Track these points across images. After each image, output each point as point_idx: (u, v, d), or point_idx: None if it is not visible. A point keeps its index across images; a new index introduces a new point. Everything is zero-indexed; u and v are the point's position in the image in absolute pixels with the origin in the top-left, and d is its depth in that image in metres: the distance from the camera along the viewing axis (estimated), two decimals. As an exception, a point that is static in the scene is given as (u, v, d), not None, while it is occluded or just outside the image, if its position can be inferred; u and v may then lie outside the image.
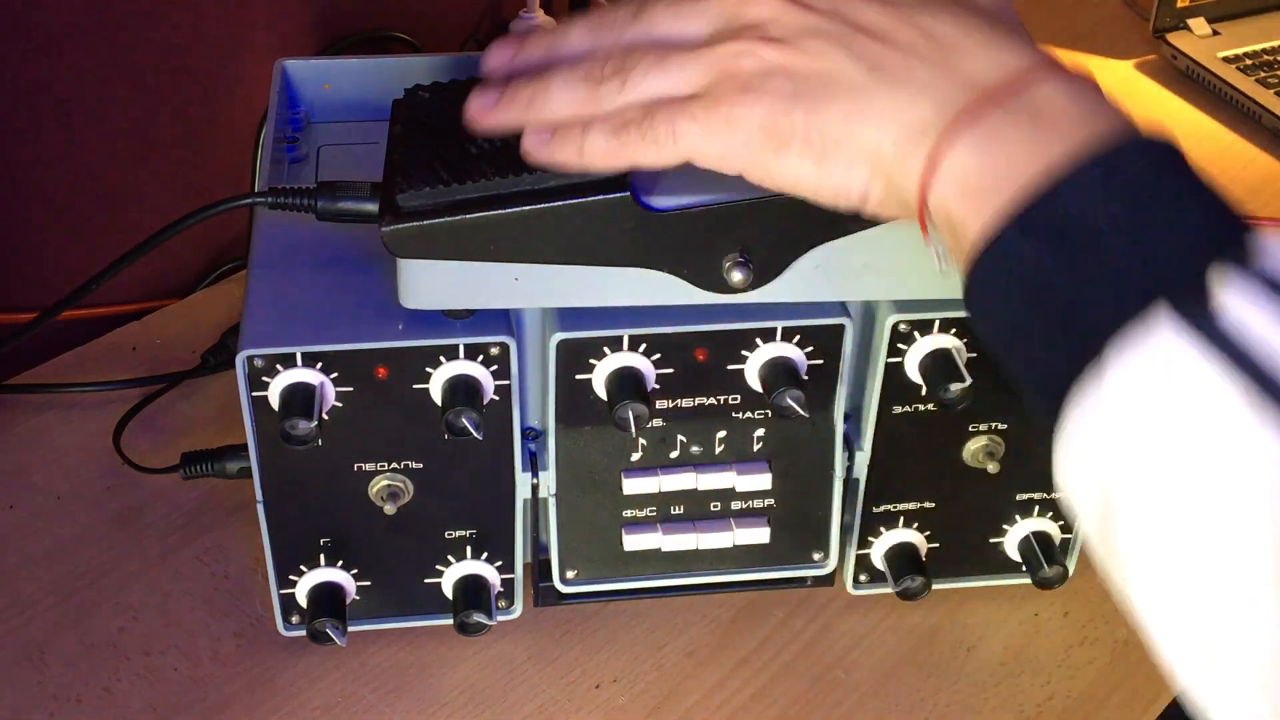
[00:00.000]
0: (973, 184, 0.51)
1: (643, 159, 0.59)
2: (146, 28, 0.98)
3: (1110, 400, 0.46)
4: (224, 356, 0.96)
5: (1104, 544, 0.48)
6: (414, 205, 0.63)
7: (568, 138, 0.60)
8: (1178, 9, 1.35)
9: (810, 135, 0.56)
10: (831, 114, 0.55)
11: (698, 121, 0.58)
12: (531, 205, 0.62)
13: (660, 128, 0.58)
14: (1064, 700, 0.77)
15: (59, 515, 0.86)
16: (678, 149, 0.58)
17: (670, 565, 0.77)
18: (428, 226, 0.63)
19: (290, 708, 0.75)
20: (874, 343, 0.73)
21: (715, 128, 0.57)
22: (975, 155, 0.51)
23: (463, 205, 0.62)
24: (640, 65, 0.59)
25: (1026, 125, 0.51)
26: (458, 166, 0.63)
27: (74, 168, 0.99)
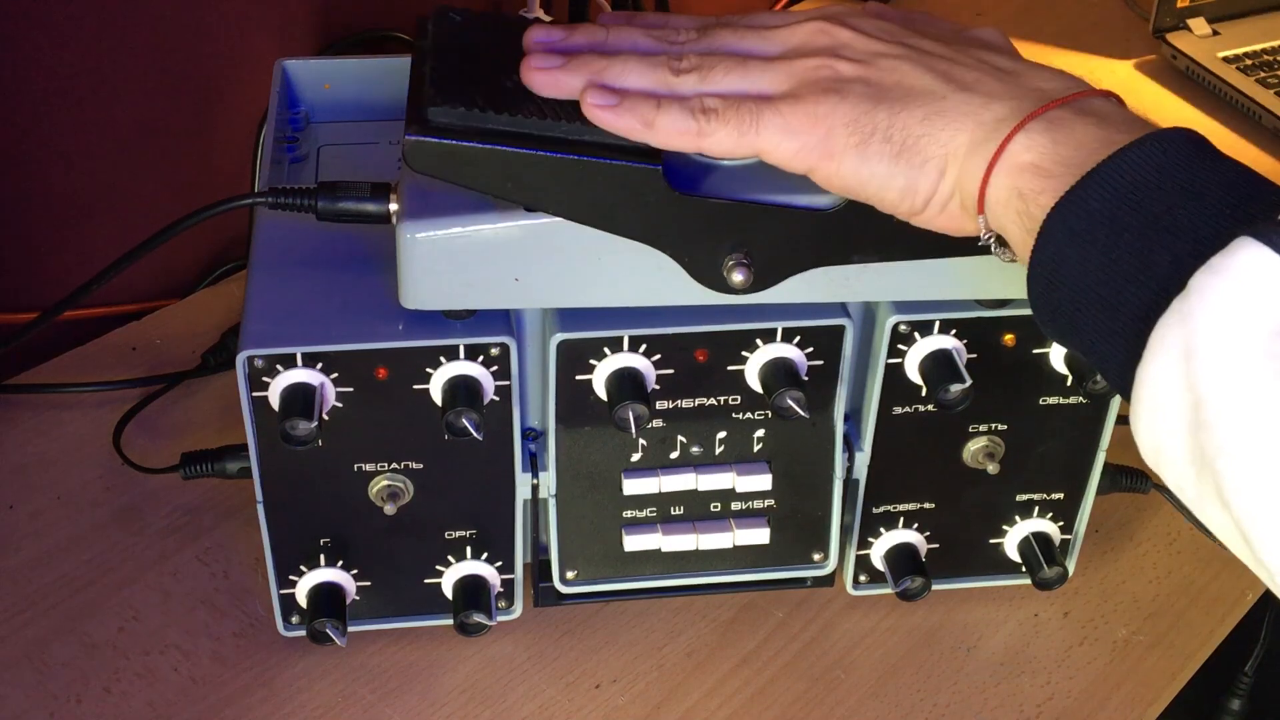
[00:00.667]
0: (1047, 163, 0.55)
1: (716, 144, 0.61)
2: (146, 28, 0.98)
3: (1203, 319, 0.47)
4: (224, 356, 0.96)
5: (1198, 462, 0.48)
6: (444, 121, 0.61)
7: (638, 106, 0.61)
8: (1178, 9, 1.35)
9: (891, 133, 0.59)
10: (913, 114, 0.59)
11: (782, 115, 0.60)
12: (563, 153, 0.62)
13: (745, 117, 0.60)
14: (1064, 700, 0.77)
15: (59, 515, 0.86)
16: (758, 139, 0.60)
17: (670, 565, 0.77)
18: (455, 147, 0.61)
19: (290, 708, 0.75)
20: (874, 343, 0.73)
21: (799, 123, 0.60)
22: (1048, 140, 0.55)
23: (494, 134, 0.62)
24: (720, 66, 0.62)
25: (1092, 122, 0.55)
26: (494, 95, 0.62)
27: (74, 168, 0.99)
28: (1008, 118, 0.57)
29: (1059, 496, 0.78)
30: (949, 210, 0.60)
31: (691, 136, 0.61)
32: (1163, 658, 0.80)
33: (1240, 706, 0.87)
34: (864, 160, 0.59)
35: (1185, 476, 0.49)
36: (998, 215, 0.57)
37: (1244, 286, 0.46)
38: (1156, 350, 0.49)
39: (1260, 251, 0.46)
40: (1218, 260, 0.47)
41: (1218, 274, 0.47)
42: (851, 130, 0.59)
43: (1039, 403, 0.75)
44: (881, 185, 0.59)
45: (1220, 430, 0.47)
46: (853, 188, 0.60)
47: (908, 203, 0.60)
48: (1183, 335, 0.48)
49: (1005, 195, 0.56)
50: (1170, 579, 0.84)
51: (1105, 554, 0.85)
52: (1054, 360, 0.73)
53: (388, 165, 0.74)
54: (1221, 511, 0.48)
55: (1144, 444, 0.51)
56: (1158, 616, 0.82)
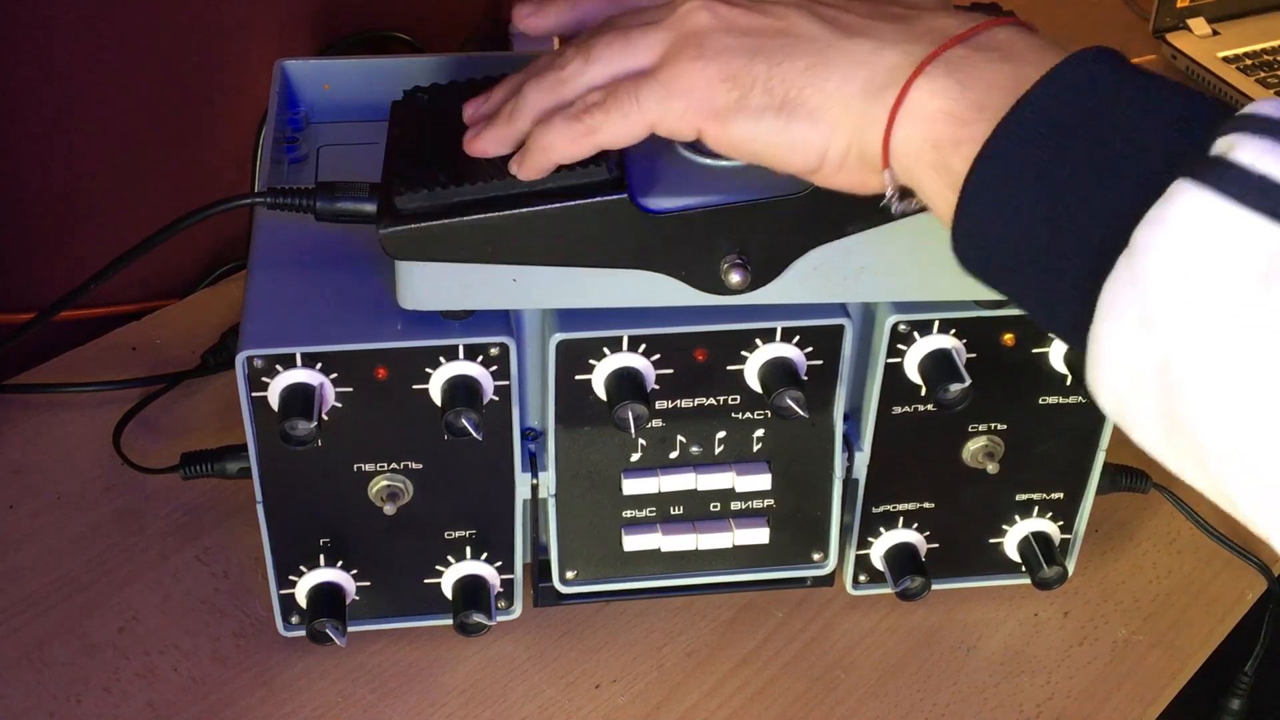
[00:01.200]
0: (957, 109, 0.52)
1: (611, 136, 0.59)
2: (146, 28, 0.98)
3: (1152, 276, 0.45)
4: (224, 356, 0.96)
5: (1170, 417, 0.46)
6: (412, 208, 0.63)
7: (534, 144, 0.61)
8: (1178, 9, 1.35)
9: (772, 85, 0.56)
10: (794, 65, 0.56)
11: (659, 82, 0.58)
12: (529, 208, 0.62)
13: (624, 99, 0.59)
14: (1064, 700, 0.77)
15: (59, 515, 0.86)
16: (643, 116, 0.58)
17: (670, 565, 0.77)
18: (425, 229, 0.63)
19: (290, 708, 0.75)
20: (874, 343, 0.73)
21: (676, 86, 0.58)
22: (953, 83, 0.52)
23: (460, 207, 0.63)
24: (601, 41, 0.60)
25: (997, 57, 0.52)
26: (455, 169, 0.63)
27: (74, 168, 0.99)
28: (903, 64, 0.53)
29: (1059, 496, 0.78)
30: (848, 167, 0.56)
31: (584, 139, 0.60)
32: (1163, 658, 0.80)
33: (1240, 706, 0.86)
34: (746, 117, 0.56)
35: (1156, 438, 0.48)
36: (908, 168, 0.54)
37: (1191, 237, 0.44)
38: (1108, 312, 0.47)
39: (1201, 195, 0.44)
40: (1158, 211, 0.45)
41: (1161, 226, 0.45)
42: (731, 85, 0.56)
43: (1039, 402, 0.75)
44: (769, 143, 0.57)
45: (1190, 389, 0.45)
46: (742, 148, 0.58)
47: (800, 159, 0.57)
48: (1136, 296, 0.45)
49: (916, 148, 0.53)
50: (1170, 579, 0.84)
51: (1105, 554, 0.85)
52: (1054, 360, 0.73)
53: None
54: (1199, 472, 0.47)
55: (1106, 405, 0.49)
56: (1158, 616, 0.82)
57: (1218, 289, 0.44)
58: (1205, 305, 0.44)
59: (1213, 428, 0.45)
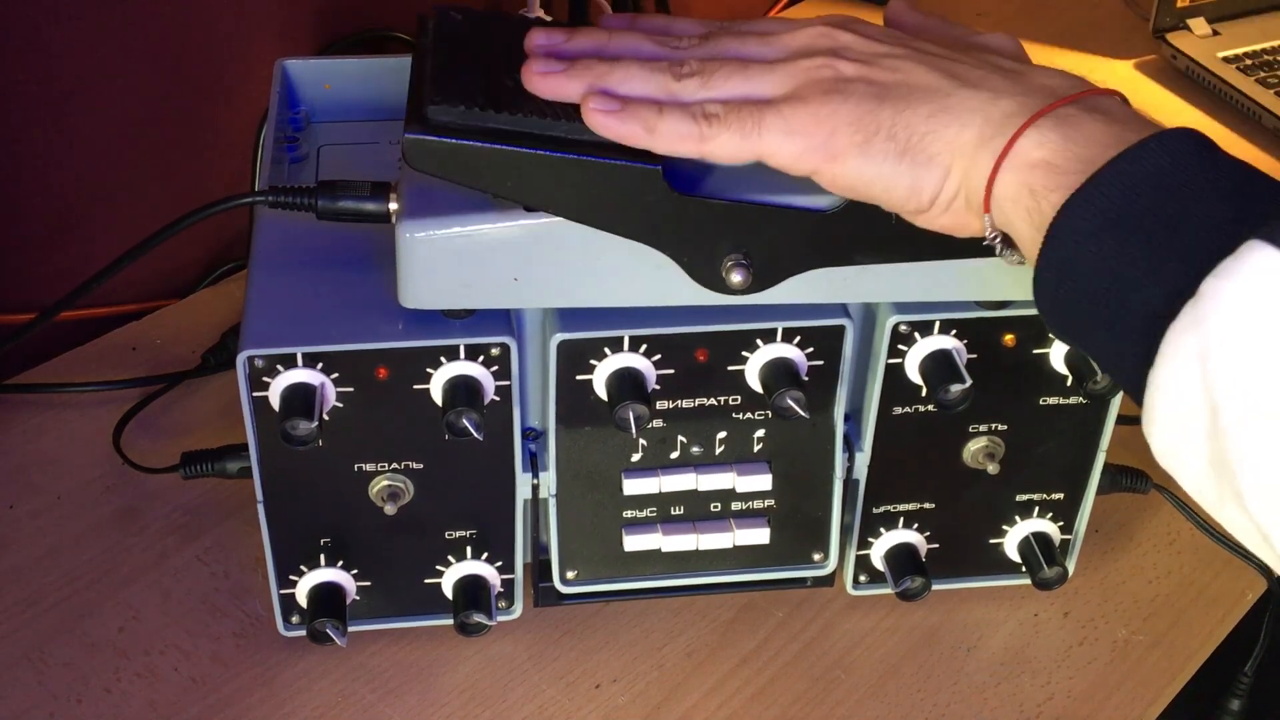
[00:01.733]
0: (1059, 160, 0.54)
1: (719, 149, 0.60)
2: (146, 28, 0.98)
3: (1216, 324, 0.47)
4: (224, 356, 0.96)
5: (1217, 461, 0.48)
6: (444, 120, 0.61)
7: (639, 113, 0.61)
8: (1178, 9, 1.35)
9: (895, 131, 0.58)
10: (917, 112, 0.58)
11: (784, 117, 0.59)
12: (564, 153, 0.62)
13: (746, 120, 0.60)
14: (1064, 700, 0.77)
15: (59, 515, 0.86)
16: (760, 143, 0.60)
17: (670, 565, 0.77)
18: (455, 146, 0.61)
19: (290, 708, 0.75)
20: (874, 344, 0.73)
21: (801, 124, 0.59)
22: (1059, 136, 0.55)
23: (494, 134, 0.61)
24: (723, 70, 0.61)
25: (1101, 119, 0.55)
26: (495, 94, 0.62)
27: (74, 168, 0.99)
28: (1016, 114, 0.56)
29: (1059, 496, 0.78)
30: (954, 209, 0.59)
31: (694, 141, 0.60)
32: (1163, 658, 0.80)
33: (1240, 706, 0.86)
34: (868, 159, 0.58)
35: (1204, 481, 0.50)
36: (1005, 212, 0.57)
37: (1256, 290, 0.46)
38: (1169, 356, 0.49)
39: (1270, 254, 0.46)
40: (1229, 264, 0.47)
41: (1229, 278, 0.47)
42: (855, 130, 0.58)
43: (1039, 403, 0.75)
44: (886, 185, 0.59)
45: (1238, 436, 0.47)
46: (857, 188, 0.60)
47: (913, 202, 0.59)
48: (1196, 341, 0.48)
49: (1014, 192, 0.56)
50: (1170, 579, 0.84)
51: (1105, 554, 0.85)
52: (1054, 360, 0.73)
53: (388, 165, 0.74)
54: (1241, 515, 0.48)
55: (1158, 448, 0.51)
56: (1158, 616, 0.82)
57: (1272, 339, 0.46)
58: (1259, 353, 0.46)
59: (1256, 471, 0.47)
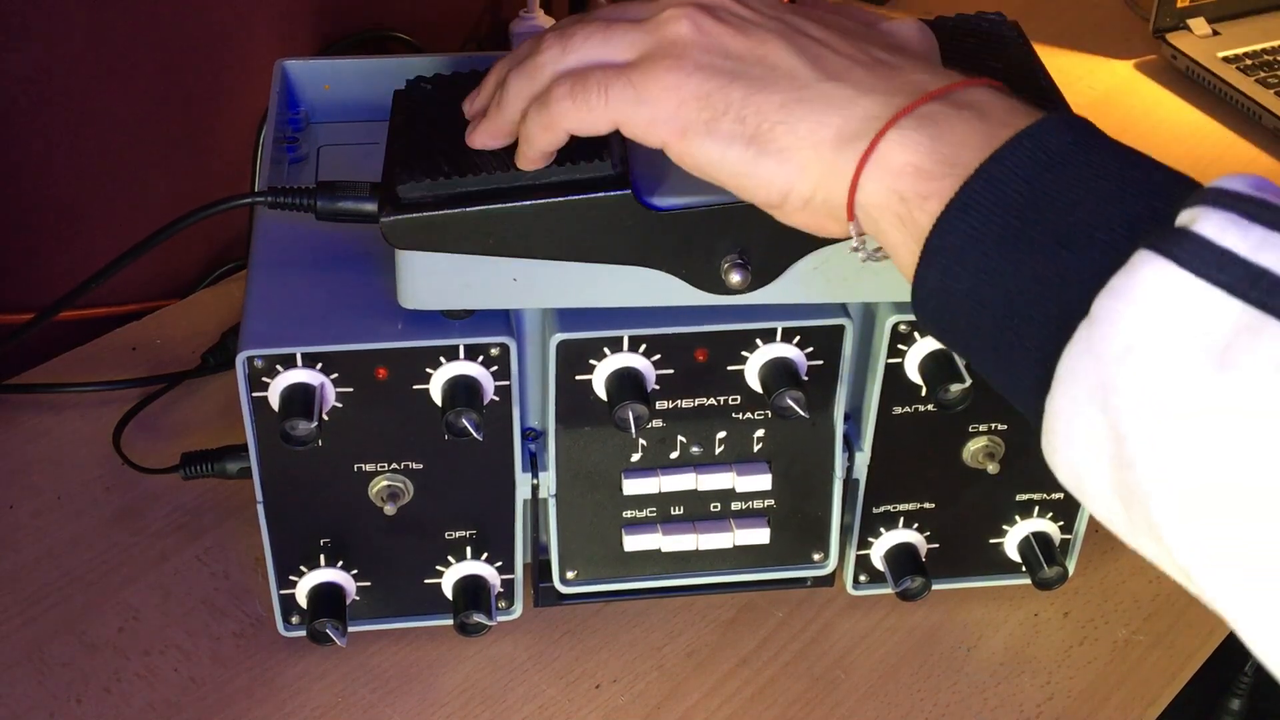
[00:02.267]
0: (927, 164, 0.51)
1: (572, 123, 0.59)
2: (146, 28, 0.98)
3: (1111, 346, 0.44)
4: (224, 356, 0.96)
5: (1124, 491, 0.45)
6: (414, 197, 0.62)
7: (521, 133, 0.61)
8: (1178, 9, 1.35)
9: (745, 114, 0.55)
10: (771, 98, 0.55)
11: (632, 84, 0.57)
12: (531, 200, 0.62)
13: (592, 90, 0.58)
14: (1064, 700, 0.77)
15: (59, 515, 0.86)
16: (608, 112, 0.57)
17: (670, 565, 0.77)
18: (427, 219, 0.62)
19: (290, 708, 0.75)
20: (874, 343, 0.73)
21: (648, 92, 0.57)
22: (925, 137, 0.51)
23: (463, 198, 0.62)
24: (581, 32, 0.59)
25: (971, 116, 0.52)
26: (459, 159, 0.63)
27: (74, 167, 0.99)
28: (878, 115, 0.53)
29: (1059, 496, 0.78)
30: (811, 209, 0.55)
31: (549, 125, 0.59)
32: (1163, 658, 0.80)
33: (1240, 706, 0.86)
34: (714, 140, 0.55)
35: (1113, 510, 0.47)
36: (873, 219, 0.53)
37: (1150, 309, 0.43)
38: (1066, 381, 0.46)
39: (1163, 267, 0.43)
40: (1119, 281, 0.44)
41: (1121, 298, 0.44)
42: (702, 105, 0.55)
43: (1039, 403, 0.75)
44: (734, 171, 0.56)
45: (1145, 467, 0.44)
46: (706, 170, 0.57)
47: (762, 193, 0.56)
48: (1094, 368, 0.45)
49: (882, 198, 0.52)
50: (1170, 579, 0.84)
51: (1105, 554, 0.85)
52: (1054, 360, 0.73)
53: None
54: (1157, 547, 0.46)
55: (1063, 476, 0.48)
56: (1158, 616, 0.82)
57: (1174, 363, 0.43)
58: (1161, 379, 0.43)
59: (1165, 504, 0.44)
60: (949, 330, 0.52)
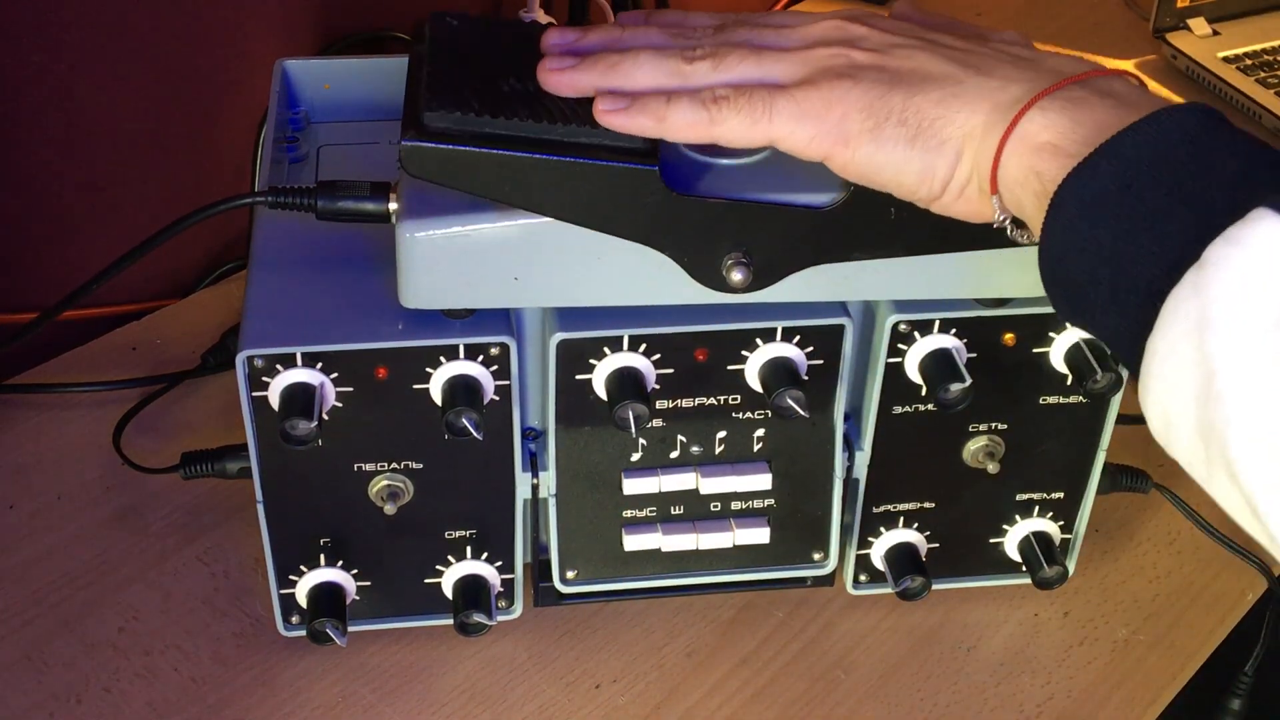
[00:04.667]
0: (1066, 144, 0.54)
1: (729, 132, 0.60)
2: (146, 28, 0.98)
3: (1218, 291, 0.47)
4: (224, 356, 0.96)
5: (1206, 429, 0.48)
6: (441, 126, 0.62)
7: (649, 104, 0.61)
8: (1178, 9, 1.35)
9: (906, 116, 0.58)
10: (928, 97, 0.58)
11: (796, 101, 0.59)
12: (560, 156, 0.62)
13: (757, 104, 0.60)
14: (1064, 700, 0.77)
15: (59, 515, 0.86)
16: (770, 127, 0.60)
17: (670, 565, 0.77)
18: (451, 152, 0.61)
19: (290, 708, 0.75)
20: (874, 343, 0.73)
21: (813, 108, 0.59)
22: (1067, 119, 0.55)
23: (491, 138, 0.62)
24: (735, 54, 0.62)
25: (1108, 99, 0.55)
26: (491, 99, 0.62)
27: (74, 168, 0.99)
28: (1023, 97, 0.56)
29: (1059, 496, 0.78)
30: (966, 194, 0.59)
31: (703, 126, 0.60)
32: (1163, 658, 0.80)
33: (1240, 706, 0.86)
34: (879, 145, 0.59)
35: (1194, 450, 0.49)
36: (1015, 195, 0.57)
37: (1262, 258, 0.46)
38: (1169, 322, 0.48)
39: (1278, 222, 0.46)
40: (1235, 231, 0.47)
41: (1235, 245, 0.47)
42: (866, 115, 0.59)
43: (1039, 402, 0.75)
44: (898, 170, 0.59)
45: (1230, 402, 0.46)
46: (869, 174, 0.60)
47: (925, 187, 0.59)
48: (1197, 306, 0.47)
49: (1023, 175, 0.56)
50: (1170, 579, 0.84)
51: (1105, 554, 0.85)
52: (1054, 359, 0.73)
53: (388, 165, 0.74)
54: (1230, 485, 0.48)
55: (1153, 418, 0.51)
56: (1158, 616, 0.82)
57: (1273, 309, 0.45)
58: (1258, 322, 0.46)
59: (1244, 438, 0.46)
60: (1067, 293, 0.55)
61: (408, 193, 0.66)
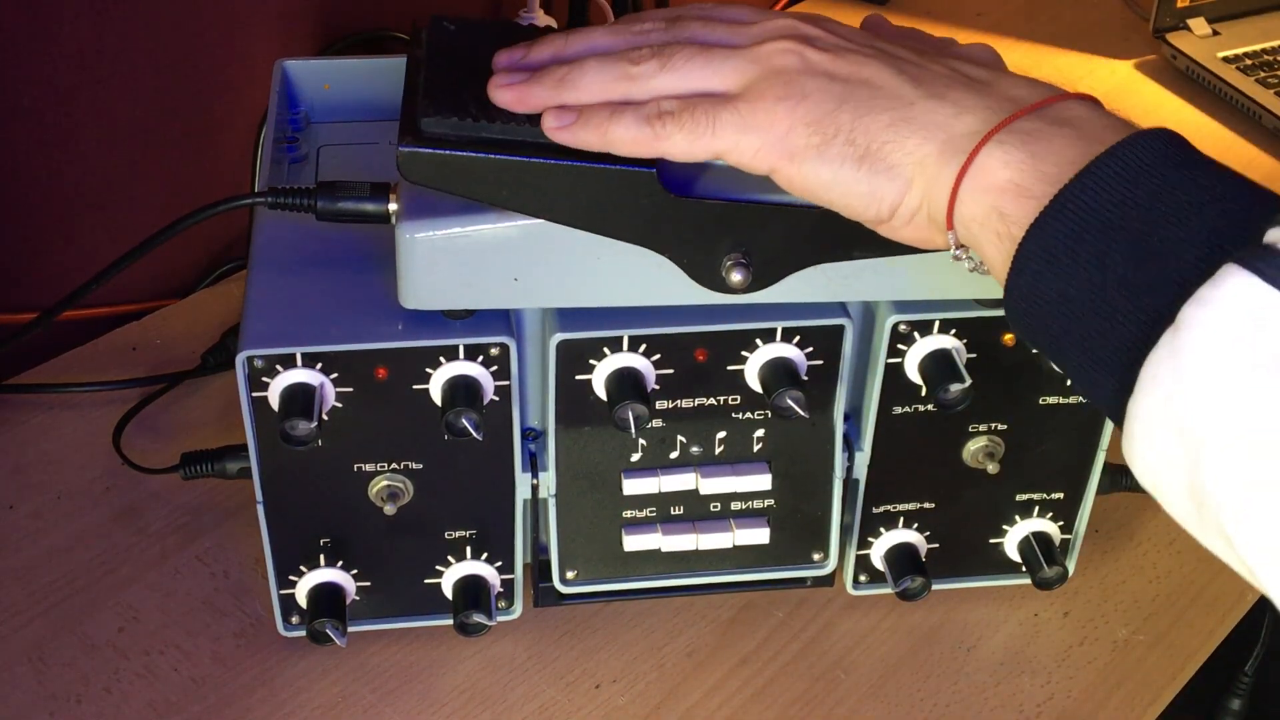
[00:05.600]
0: (1025, 181, 0.53)
1: (674, 150, 0.60)
2: (146, 28, 0.98)
3: (1193, 354, 0.46)
4: (224, 356, 0.96)
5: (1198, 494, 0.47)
6: (438, 132, 0.62)
7: (594, 120, 0.60)
8: (1178, 9, 1.35)
9: (855, 135, 0.57)
10: (878, 119, 0.56)
11: (740, 114, 0.58)
12: (557, 159, 0.62)
13: (700, 118, 0.59)
14: (1064, 700, 0.77)
15: (59, 515, 0.86)
16: (715, 141, 0.59)
17: (670, 565, 0.77)
18: (448, 157, 0.61)
19: (290, 708, 0.75)
20: (874, 343, 0.73)
21: (758, 121, 0.58)
22: (1026, 155, 0.53)
23: (487, 143, 0.62)
24: (682, 53, 0.60)
25: (1067, 130, 0.53)
26: (487, 104, 0.62)
27: (75, 168, 0.99)
28: (979, 130, 0.55)
29: (1059, 496, 0.78)
30: (916, 222, 0.58)
31: (648, 142, 0.60)
32: (1163, 658, 0.80)
33: (1240, 706, 0.86)
34: (825, 163, 0.57)
35: (1187, 512, 0.49)
36: (972, 233, 0.55)
37: (1234, 319, 0.45)
38: (1149, 386, 0.48)
39: (1248, 281, 0.45)
40: (1206, 291, 0.46)
41: (1206, 306, 0.46)
42: (813, 130, 0.57)
43: (1039, 402, 0.75)
44: (844, 191, 0.58)
45: (1219, 468, 0.46)
46: (815, 191, 0.58)
47: (872, 211, 0.58)
48: (1174, 370, 0.47)
49: (983, 214, 0.54)
50: (1170, 579, 0.84)
51: (1105, 554, 0.85)
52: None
53: (388, 165, 0.74)
54: (1226, 548, 0.48)
55: (1141, 476, 0.50)
56: (1158, 616, 0.82)
57: (1250, 370, 0.45)
58: (1237, 384, 0.45)
59: (1237, 504, 0.46)
60: (1039, 334, 0.54)
61: (407, 193, 0.66)
